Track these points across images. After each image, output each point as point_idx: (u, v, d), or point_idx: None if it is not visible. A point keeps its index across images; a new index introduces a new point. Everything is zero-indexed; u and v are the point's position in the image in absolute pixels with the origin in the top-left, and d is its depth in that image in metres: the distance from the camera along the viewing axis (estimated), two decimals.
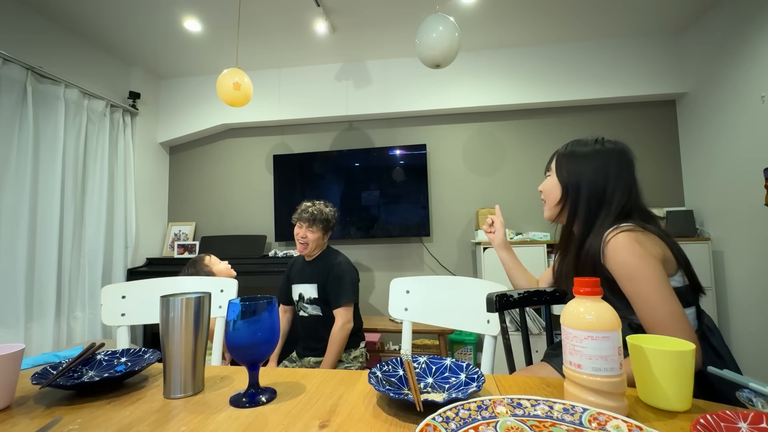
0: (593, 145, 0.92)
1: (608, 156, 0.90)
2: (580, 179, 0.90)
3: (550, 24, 2.69)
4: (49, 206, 2.38)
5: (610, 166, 0.89)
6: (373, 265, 3.12)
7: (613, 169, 0.88)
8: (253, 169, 3.37)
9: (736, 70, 2.36)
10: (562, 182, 0.93)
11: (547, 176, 0.99)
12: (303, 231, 1.82)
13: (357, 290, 1.80)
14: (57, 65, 2.47)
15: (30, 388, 0.65)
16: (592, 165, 0.90)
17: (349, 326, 1.71)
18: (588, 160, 0.91)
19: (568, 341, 0.52)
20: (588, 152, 0.91)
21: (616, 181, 0.87)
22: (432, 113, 3.12)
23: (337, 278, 1.75)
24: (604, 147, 0.91)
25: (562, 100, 2.91)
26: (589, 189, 0.89)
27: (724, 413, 0.44)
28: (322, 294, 1.78)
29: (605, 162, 0.89)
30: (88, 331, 2.57)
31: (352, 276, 1.79)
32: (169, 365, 0.62)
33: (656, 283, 0.75)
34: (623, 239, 0.78)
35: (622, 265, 0.78)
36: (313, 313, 1.81)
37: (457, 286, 1.15)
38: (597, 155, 0.90)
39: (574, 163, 0.92)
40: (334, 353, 1.66)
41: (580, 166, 0.91)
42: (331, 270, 1.77)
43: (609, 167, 0.88)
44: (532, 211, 2.98)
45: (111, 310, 1.17)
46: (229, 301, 0.60)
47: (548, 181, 0.98)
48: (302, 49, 2.95)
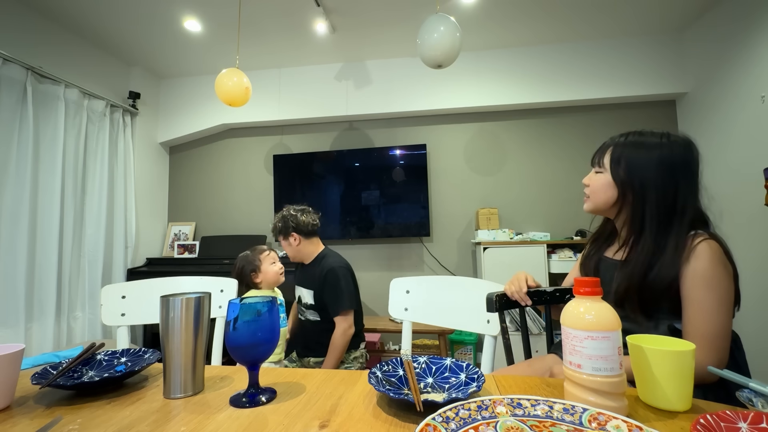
0: (659, 141, 0.81)
1: (676, 157, 0.80)
2: (646, 184, 0.80)
3: (551, 24, 2.69)
4: (49, 206, 2.38)
5: (678, 169, 0.79)
6: (373, 265, 3.12)
7: (682, 173, 0.79)
8: (253, 169, 3.37)
9: (736, 70, 2.36)
10: (621, 184, 0.83)
11: (597, 172, 0.89)
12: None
13: (354, 295, 1.73)
14: (57, 65, 2.47)
15: (30, 388, 0.65)
16: (660, 168, 0.79)
17: (351, 332, 1.67)
18: (654, 162, 0.80)
19: (568, 341, 0.52)
20: (653, 151, 0.81)
21: (688, 186, 0.79)
22: (432, 113, 3.12)
23: (331, 286, 1.68)
24: (671, 144, 0.81)
25: (562, 100, 2.91)
26: (657, 196, 0.79)
27: (724, 413, 0.44)
28: (318, 301, 1.73)
29: (673, 164, 0.79)
30: (88, 331, 2.57)
31: (348, 281, 1.72)
32: (169, 365, 0.62)
33: (727, 297, 0.74)
34: (715, 247, 0.75)
35: (705, 269, 0.74)
36: (311, 319, 1.78)
37: (457, 286, 1.15)
38: (664, 156, 0.80)
39: (637, 164, 0.82)
40: (334, 358, 1.64)
41: (644, 167, 0.80)
42: (325, 277, 1.70)
43: (677, 171, 0.79)
44: (532, 211, 2.98)
45: (111, 310, 1.17)
46: (229, 301, 0.60)
47: (600, 178, 0.87)
48: (302, 49, 2.95)
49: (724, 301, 0.74)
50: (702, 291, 0.74)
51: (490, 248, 2.62)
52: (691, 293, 0.75)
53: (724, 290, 0.74)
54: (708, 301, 0.74)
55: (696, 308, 0.75)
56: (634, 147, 0.83)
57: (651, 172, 0.80)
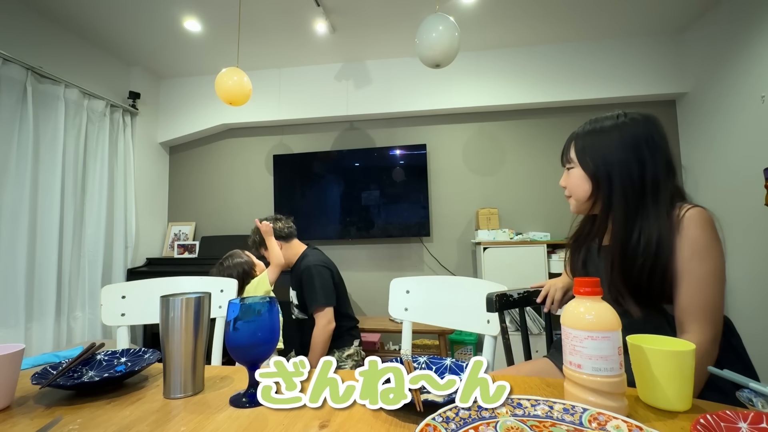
0: (616, 122, 0.80)
1: (636, 133, 0.78)
2: (611, 165, 0.78)
3: (550, 24, 2.69)
4: (49, 206, 2.38)
5: (641, 144, 0.77)
6: (373, 265, 3.12)
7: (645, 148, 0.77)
8: (253, 169, 3.37)
9: (736, 70, 2.36)
10: (590, 173, 0.81)
11: (569, 168, 0.87)
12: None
13: (331, 292, 1.76)
14: (57, 65, 2.47)
15: (30, 388, 0.65)
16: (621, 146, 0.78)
17: (330, 327, 1.71)
18: (614, 142, 0.79)
19: (568, 341, 0.52)
20: (613, 133, 0.79)
21: (654, 161, 0.76)
22: (432, 113, 3.12)
23: (307, 283, 1.75)
24: (628, 121, 0.79)
25: (562, 100, 2.91)
26: (622, 174, 0.77)
27: (724, 413, 0.44)
28: (301, 300, 1.82)
29: (634, 141, 0.77)
30: (88, 331, 2.57)
31: (323, 278, 1.75)
32: (169, 365, 0.62)
33: (720, 267, 0.71)
34: (705, 216, 0.72)
35: (697, 237, 0.71)
36: (299, 317, 1.87)
37: (457, 286, 1.15)
38: (624, 133, 0.78)
39: (599, 148, 0.80)
40: (316, 353, 1.67)
41: (606, 149, 0.79)
42: (301, 276, 1.78)
43: (640, 146, 0.77)
44: (532, 210, 2.98)
45: (111, 310, 1.17)
46: (229, 301, 0.60)
47: (572, 174, 0.86)
48: (302, 49, 2.95)
49: (717, 270, 0.71)
50: (695, 262, 0.71)
51: (490, 248, 2.62)
52: (684, 265, 0.72)
53: (717, 260, 0.71)
54: (702, 271, 0.71)
55: (690, 280, 0.71)
56: (594, 133, 0.82)
57: (613, 152, 0.79)
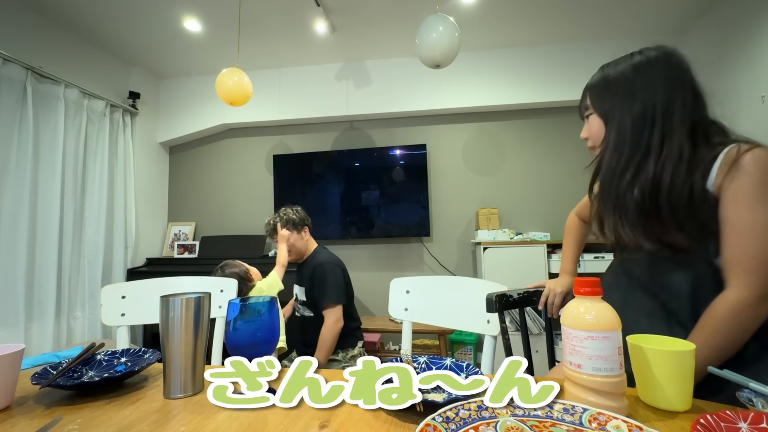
0: (629, 61, 0.73)
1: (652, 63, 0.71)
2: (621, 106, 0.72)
3: (550, 24, 2.69)
4: (49, 206, 2.38)
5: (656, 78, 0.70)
6: (373, 265, 3.12)
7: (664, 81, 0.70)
8: (253, 169, 3.36)
9: (735, 71, 2.36)
10: (601, 113, 0.75)
11: (588, 117, 0.81)
12: None
13: (342, 290, 1.77)
14: (57, 65, 2.47)
15: (30, 388, 0.65)
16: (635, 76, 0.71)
17: (339, 325, 1.71)
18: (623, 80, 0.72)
19: (568, 341, 0.52)
20: (624, 70, 0.73)
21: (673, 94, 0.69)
22: (432, 113, 3.12)
23: (319, 280, 1.74)
24: (643, 57, 0.72)
25: (562, 100, 2.91)
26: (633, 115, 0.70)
27: (724, 413, 0.44)
28: (309, 297, 1.79)
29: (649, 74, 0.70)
30: (88, 331, 2.57)
31: (336, 276, 1.76)
32: (169, 365, 0.62)
33: None
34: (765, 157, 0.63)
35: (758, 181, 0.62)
36: (305, 314, 1.84)
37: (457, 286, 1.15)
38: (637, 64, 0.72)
39: (609, 90, 0.74)
40: (323, 351, 1.67)
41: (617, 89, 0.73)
42: (314, 272, 1.77)
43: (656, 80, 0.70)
44: (532, 210, 2.98)
45: (111, 310, 1.17)
46: (229, 301, 0.60)
47: (591, 121, 0.79)
48: (302, 49, 2.95)
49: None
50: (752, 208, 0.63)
51: (490, 248, 2.62)
52: (737, 213, 0.64)
53: None
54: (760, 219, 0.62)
55: (745, 228, 0.63)
56: (607, 68, 0.77)
57: (622, 83, 0.72)
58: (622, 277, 0.82)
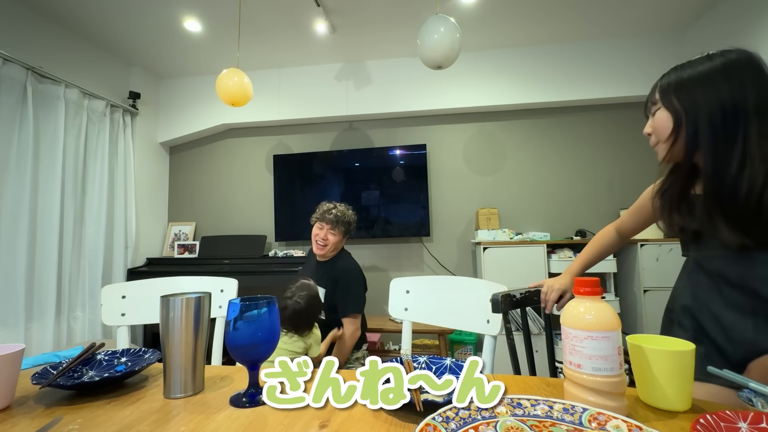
0: (707, 63, 0.73)
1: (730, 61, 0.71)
2: (698, 103, 0.71)
3: (550, 24, 2.69)
4: (49, 206, 2.38)
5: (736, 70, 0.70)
6: (373, 265, 3.12)
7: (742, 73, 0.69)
8: (253, 169, 3.37)
9: None
10: (674, 112, 0.75)
11: (654, 113, 0.80)
12: (324, 233, 1.73)
13: (363, 300, 1.76)
14: (57, 65, 2.47)
15: (30, 388, 0.65)
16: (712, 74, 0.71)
17: (357, 334, 1.69)
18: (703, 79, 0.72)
19: (568, 341, 0.53)
20: (703, 71, 0.72)
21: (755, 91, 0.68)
22: (432, 113, 3.12)
23: (344, 288, 1.70)
24: (725, 59, 0.71)
25: (562, 100, 2.91)
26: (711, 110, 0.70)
27: (724, 413, 0.44)
28: (329, 300, 1.72)
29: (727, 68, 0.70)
30: (88, 331, 2.57)
31: (359, 286, 1.74)
32: (169, 365, 0.62)
33: None
34: None
35: None
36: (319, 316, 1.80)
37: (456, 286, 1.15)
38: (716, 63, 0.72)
39: (684, 87, 0.74)
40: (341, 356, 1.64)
41: (694, 88, 0.72)
42: (340, 278, 1.71)
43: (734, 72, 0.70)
44: (532, 211, 2.98)
45: (111, 310, 1.17)
46: (229, 301, 0.60)
47: (657, 116, 0.79)
48: (302, 49, 2.95)
49: None
50: None
51: (490, 248, 2.62)
52: None
53: None
54: None
55: None
56: (682, 68, 0.76)
57: (702, 82, 0.72)
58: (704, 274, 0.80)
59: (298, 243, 3.19)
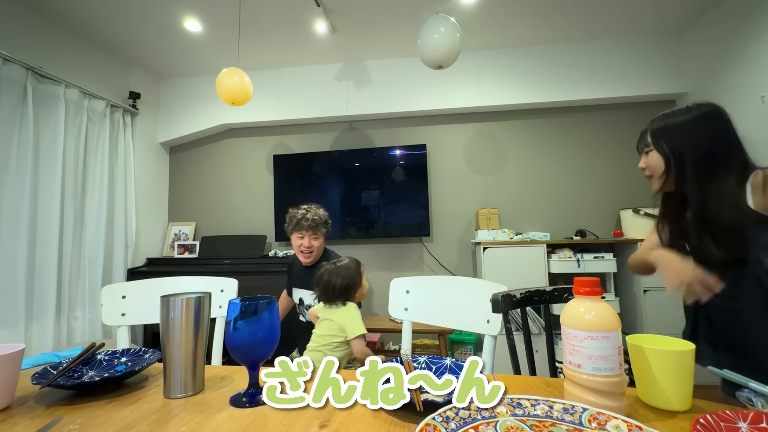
0: (687, 108, 0.95)
1: (705, 115, 0.92)
2: (683, 149, 0.92)
3: (550, 24, 2.69)
4: (49, 206, 2.38)
5: (711, 124, 0.91)
6: (373, 265, 3.12)
7: (715, 127, 0.91)
8: (253, 169, 3.37)
9: (735, 70, 2.36)
10: (664, 155, 0.95)
11: (647, 152, 0.99)
12: (307, 240, 1.67)
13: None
14: (57, 65, 2.47)
15: (30, 388, 0.65)
16: (693, 125, 0.92)
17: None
18: (687, 123, 0.93)
19: (568, 341, 0.53)
20: (685, 116, 0.93)
21: (726, 137, 0.90)
22: (432, 113, 3.12)
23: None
24: (699, 107, 0.93)
25: (562, 100, 2.91)
26: (694, 150, 0.90)
27: (724, 413, 0.44)
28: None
29: (704, 122, 0.91)
30: (88, 331, 2.57)
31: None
32: (169, 365, 0.62)
33: None
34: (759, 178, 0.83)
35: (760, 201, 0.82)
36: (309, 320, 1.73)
37: (456, 286, 1.15)
38: (694, 116, 0.92)
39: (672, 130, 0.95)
40: None
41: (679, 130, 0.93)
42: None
43: (710, 125, 0.91)
44: (532, 211, 2.98)
45: (111, 310, 1.17)
46: (229, 301, 0.60)
47: (651, 155, 0.98)
48: (302, 49, 2.95)
49: None
50: None
51: (490, 248, 2.62)
52: None
53: None
54: None
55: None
56: (667, 117, 0.96)
57: (685, 131, 0.92)
58: None
59: None
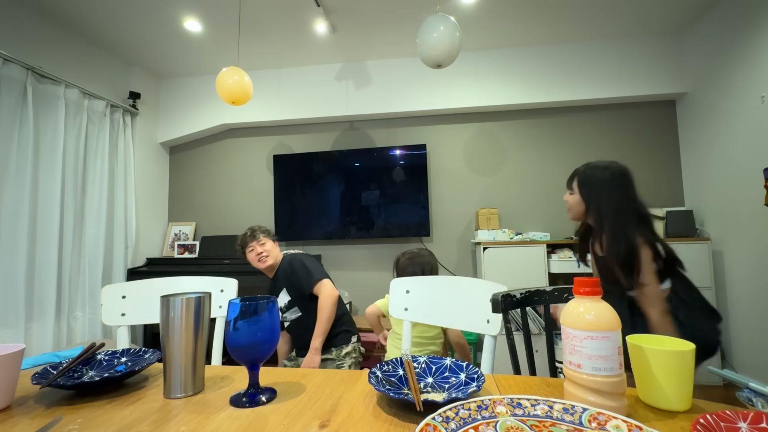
0: (606, 166, 1.24)
1: (616, 176, 1.22)
2: (600, 201, 1.22)
3: (550, 24, 2.69)
4: (49, 206, 2.38)
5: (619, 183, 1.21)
6: (373, 265, 3.12)
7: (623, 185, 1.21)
8: (253, 169, 3.37)
9: (735, 70, 2.37)
10: (585, 199, 1.25)
11: (571, 193, 1.30)
12: (257, 248, 1.83)
13: (319, 266, 1.82)
14: (57, 65, 2.47)
15: (30, 388, 0.65)
16: (608, 183, 1.22)
17: (335, 293, 1.74)
18: (604, 181, 1.22)
19: (568, 341, 0.52)
20: (604, 173, 1.23)
21: (628, 196, 1.20)
22: (432, 113, 3.12)
23: (295, 270, 1.78)
24: (612, 167, 1.23)
25: (562, 100, 2.91)
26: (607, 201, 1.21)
27: (724, 413, 0.44)
28: (293, 292, 1.79)
29: (615, 181, 1.22)
30: (88, 331, 2.57)
31: (311, 260, 1.82)
32: (169, 365, 0.62)
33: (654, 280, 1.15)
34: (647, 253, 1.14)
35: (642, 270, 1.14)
36: (293, 318, 1.81)
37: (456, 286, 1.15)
38: (607, 176, 1.22)
39: (592, 183, 1.25)
40: (323, 321, 1.67)
41: (597, 185, 1.23)
42: (287, 267, 1.80)
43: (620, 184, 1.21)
44: (532, 210, 2.98)
45: (111, 310, 1.17)
46: (229, 301, 0.60)
47: (573, 197, 1.29)
48: (302, 49, 2.95)
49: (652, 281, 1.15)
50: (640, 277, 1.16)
51: (490, 248, 2.62)
52: None
53: None
54: None
55: None
56: (591, 170, 1.26)
57: (602, 186, 1.23)
58: None
59: (298, 243, 3.19)
